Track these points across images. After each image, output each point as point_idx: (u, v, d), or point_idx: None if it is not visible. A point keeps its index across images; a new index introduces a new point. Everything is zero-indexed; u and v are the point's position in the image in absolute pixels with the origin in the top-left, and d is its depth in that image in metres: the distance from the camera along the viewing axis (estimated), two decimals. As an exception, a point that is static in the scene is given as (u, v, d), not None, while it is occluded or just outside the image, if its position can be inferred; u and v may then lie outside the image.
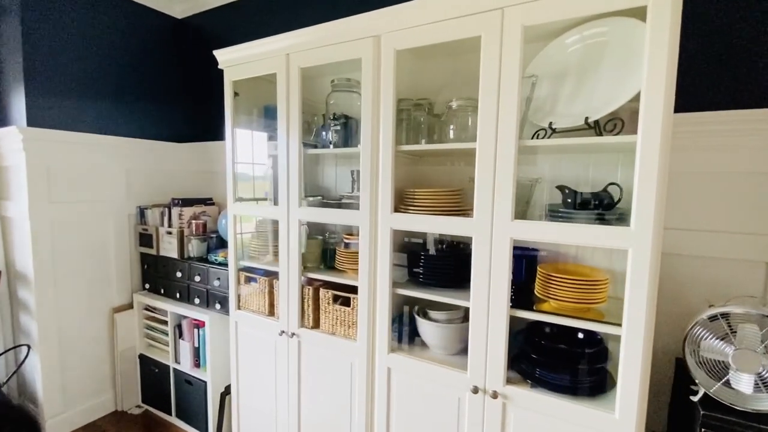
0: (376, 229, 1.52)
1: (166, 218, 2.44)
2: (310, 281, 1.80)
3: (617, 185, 1.25)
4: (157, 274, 2.48)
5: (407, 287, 1.52)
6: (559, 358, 1.28)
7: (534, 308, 1.30)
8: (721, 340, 1.05)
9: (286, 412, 1.85)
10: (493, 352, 1.29)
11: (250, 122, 2.02)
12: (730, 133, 1.30)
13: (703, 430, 1.01)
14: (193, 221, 2.37)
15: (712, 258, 1.35)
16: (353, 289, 1.61)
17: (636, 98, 1.14)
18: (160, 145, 2.68)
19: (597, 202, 1.24)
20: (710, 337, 1.06)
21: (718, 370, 1.06)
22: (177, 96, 2.79)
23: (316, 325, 1.75)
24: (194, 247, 2.35)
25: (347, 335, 1.65)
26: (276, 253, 1.85)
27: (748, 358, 0.98)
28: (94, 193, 2.37)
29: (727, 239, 1.33)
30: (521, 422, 1.27)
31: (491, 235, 1.27)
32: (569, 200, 1.29)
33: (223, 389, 2.19)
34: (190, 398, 2.31)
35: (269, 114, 2.05)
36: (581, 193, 1.28)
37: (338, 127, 1.63)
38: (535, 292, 1.35)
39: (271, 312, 1.91)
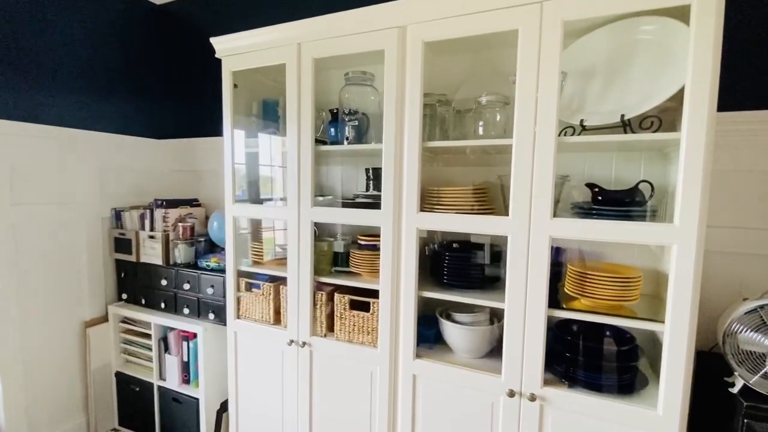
0: (399, 230, 1.45)
1: (147, 221, 2.23)
2: (320, 286, 1.69)
3: (648, 182, 1.26)
4: (137, 283, 2.26)
5: (431, 290, 1.46)
6: (593, 356, 1.27)
7: (565, 306, 1.28)
8: (757, 331, 1.08)
9: (295, 429, 1.72)
10: (530, 353, 1.26)
11: (245, 118, 1.88)
12: (749, 134, 1.36)
13: (746, 420, 1.03)
14: (180, 224, 2.18)
15: (737, 254, 1.40)
16: (371, 293, 1.53)
17: (671, 97, 1.15)
18: (138, 142, 2.45)
19: (629, 200, 1.25)
20: (748, 329, 1.09)
21: (755, 363, 1.09)
22: (158, 88, 2.58)
23: (330, 332, 1.65)
24: (181, 253, 2.16)
25: (366, 342, 1.56)
26: (281, 257, 1.73)
27: (790, 348, 1.01)
28: (64, 193, 2.12)
29: (751, 235, 1.38)
30: (559, 424, 1.24)
31: (529, 234, 1.24)
32: (600, 198, 1.29)
33: (218, 406, 2.02)
34: (178, 418, 2.11)
35: (268, 109, 1.93)
36: (612, 190, 1.29)
37: (355, 122, 1.55)
38: (565, 290, 1.34)
39: (278, 320, 1.78)
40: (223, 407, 2.00)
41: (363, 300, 1.57)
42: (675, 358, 1.09)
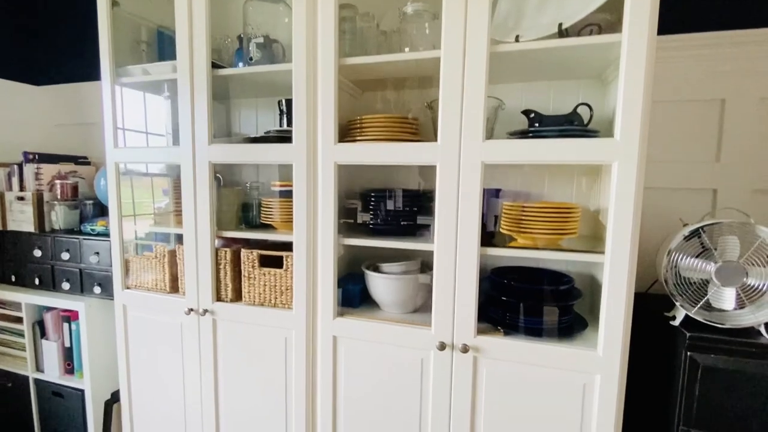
0: (315, 166, 1.22)
1: (15, 180, 1.80)
2: (227, 243, 1.43)
3: (587, 105, 1.14)
4: (4, 257, 1.83)
5: (356, 237, 1.25)
6: (530, 301, 1.14)
7: (500, 245, 1.14)
8: (697, 257, 1.00)
9: (199, 412, 1.45)
10: (462, 299, 1.10)
11: (133, 48, 1.54)
12: (676, 60, 1.28)
13: (689, 353, 0.94)
14: (58, 181, 1.78)
15: (676, 189, 1.33)
16: (286, 248, 1.29)
17: (612, 10, 1.03)
18: (9, 87, 1.98)
19: (567, 123, 1.12)
20: (688, 257, 1.00)
21: (696, 293, 1.01)
22: (34, 21, 2.10)
23: (237, 297, 1.39)
24: (60, 216, 1.77)
25: (280, 304, 1.32)
26: (179, 212, 1.43)
27: (731, 270, 0.93)
28: None
29: (691, 169, 1.31)
30: (495, 375, 1.10)
31: (459, 161, 1.06)
32: (536, 124, 1.15)
33: (109, 397, 1.68)
34: (61, 415, 1.74)
35: (164, 42, 1.60)
36: (549, 115, 1.15)
37: (260, 40, 1.28)
38: (501, 231, 1.19)
39: (175, 287, 1.48)
40: (114, 397, 1.67)
41: (275, 255, 1.33)
42: (615, 291, 0.98)
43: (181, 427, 1.50)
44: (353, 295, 1.35)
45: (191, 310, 1.39)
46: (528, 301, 1.13)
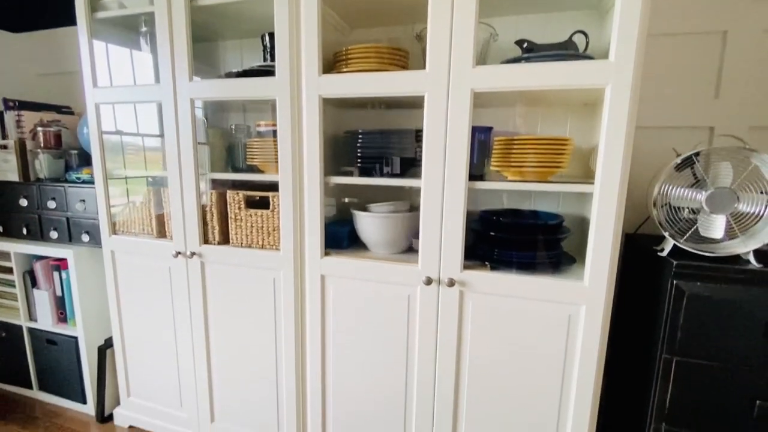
0: (299, 101, 1.18)
1: (-5, 128, 1.76)
2: (213, 185, 1.40)
3: (583, 33, 1.09)
4: (-10, 207, 1.81)
5: (342, 174, 1.22)
6: (517, 236, 1.13)
7: (488, 179, 1.11)
8: (690, 188, 0.97)
9: (190, 356, 1.47)
10: (449, 235, 1.08)
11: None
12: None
13: (675, 281, 0.94)
14: (40, 129, 1.74)
15: (658, 128, 1.30)
16: (273, 188, 1.27)
17: None
18: (-21, 30, 1.90)
19: (562, 51, 1.07)
20: (679, 187, 0.97)
21: (685, 225, 0.99)
22: (2, -36, 1.99)
23: (225, 239, 1.38)
24: (45, 165, 1.73)
25: (268, 245, 1.31)
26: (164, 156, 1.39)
27: (722, 197, 0.91)
28: None
29: (673, 106, 1.28)
30: (481, 309, 1.10)
31: (448, 89, 1.02)
32: (530, 51, 1.10)
33: (102, 342, 1.70)
34: (55, 363, 1.76)
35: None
36: (544, 44, 1.10)
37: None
38: (492, 169, 1.17)
39: (162, 232, 1.47)
40: (108, 343, 1.68)
41: (261, 195, 1.31)
42: (603, 221, 0.96)
43: (174, 369, 1.52)
44: (341, 237, 1.33)
45: (179, 253, 1.38)
46: (515, 237, 1.12)
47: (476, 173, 1.13)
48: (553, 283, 1.03)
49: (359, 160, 1.23)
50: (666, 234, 0.99)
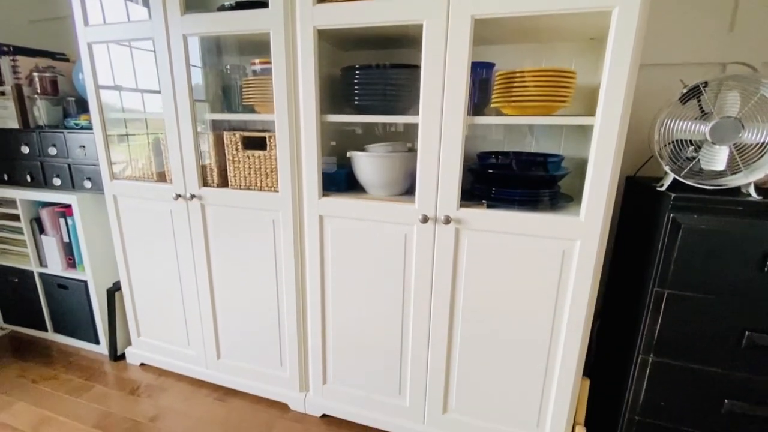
0: (293, 34, 1.14)
1: (-9, 74, 1.73)
2: (211, 127, 1.39)
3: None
4: (-7, 155, 1.82)
5: (340, 113, 1.20)
6: (515, 173, 1.12)
7: (487, 113, 1.09)
8: (694, 120, 0.94)
9: (195, 296, 1.52)
10: (446, 172, 1.07)
11: None
12: None
13: (671, 214, 0.93)
14: (36, 74, 1.71)
15: (667, 65, 1.24)
16: (269, 128, 1.25)
17: None
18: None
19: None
20: (683, 120, 0.95)
21: (688, 161, 0.97)
22: None
23: (224, 182, 1.38)
24: (44, 111, 1.72)
25: (266, 186, 1.31)
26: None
27: (726, 126, 0.89)
28: None
29: (684, 41, 1.22)
30: (476, 246, 1.11)
31: (448, 15, 0.98)
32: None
33: (110, 285, 1.75)
34: (67, 306, 1.84)
35: None
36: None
37: None
38: (492, 106, 1.14)
39: (162, 176, 1.48)
40: (116, 286, 1.74)
41: (257, 136, 1.30)
42: (603, 154, 0.94)
43: (180, 309, 1.58)
44: (339, 180, 1.33)
45: (179, 195, 1.40)
46: (512, 174, 1.10)
47: (477, 112, 1.10)
48: (549, 219, 1.03)
49: (356, 97, 1.20)
50: (666, 168, 0.98)
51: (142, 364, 1.76)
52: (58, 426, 1.40)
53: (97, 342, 1.82)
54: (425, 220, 1.11)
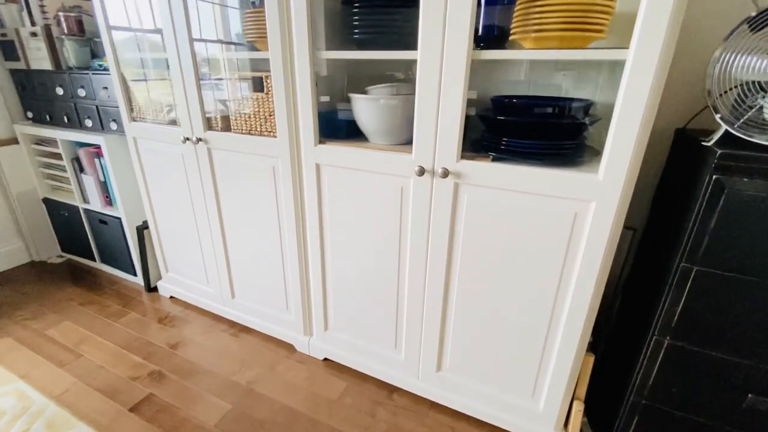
0: (284, -44, 1.02)
1: (25, 14, 1.79)
2: (214, 69, 1.34)
3: None
4: (36, 96, 1.94)
5: (337, 48, 1.09)
6: (531, 119, 0.96)
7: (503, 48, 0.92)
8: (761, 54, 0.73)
9: (209, 238, 1.57)
10: (447, 117, 0.95)
11: None
12: None
13: (714, 176, 0.75)
14: (62, 14, 1.74)
15: None
16: (269, 67, 1.18)
17: None
18: None
19: None
20: (748, 54, 0.73)
21: (747, 111, 0.76)
22: None
23: (227, 126, 1.36)
24: (72, 52, 1.77)
25: (265, 131, 1.27)
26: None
27: (810, 61, 0.67)
28: None
29: None
30: (476, 203, 1.00)
31: None
32: None
33: (140, 223, 1.88)
34: (108, 240, 2.01)
35: None
36: None
37: None
38: (511, 39, 0.96)
39: (172, 119, 1.48)
40: (144, 225, 1.86)
41: (255, 75, 1.23)
42: (632, 96, 0.77)
43: (197, 249, 1.65)
44: (339, 125, 1.24)
45: (186, 138, 1.40)
46: (527, 122, 0.95)
47: (495, 47, 0.94)
48: (559, 176, 0.88)
49: (356, 30, 1.08)
50: (717, 117, 0.78)
51: (171, 297, 1.91)
52: (95, 344, 1.58)
53: (135, 274, 2.00)
54: (422, 172, 1.01)
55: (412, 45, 1.06)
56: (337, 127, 1.25)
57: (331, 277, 1.34)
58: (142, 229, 1.84)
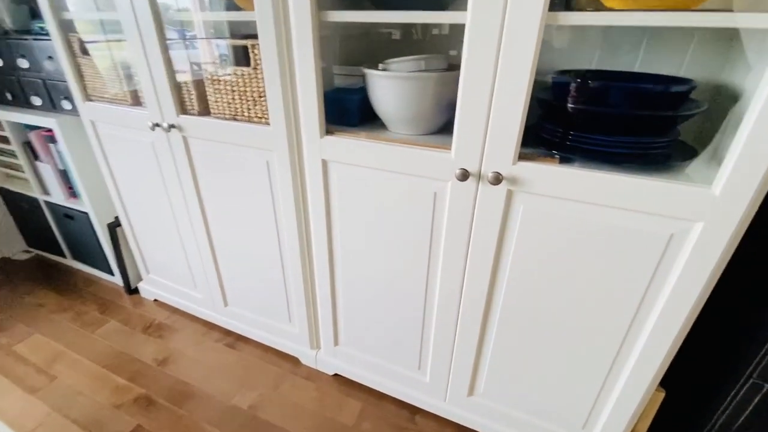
0: None
1: (-62, -39, 1.41)
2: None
3: None
4: (-31, 68, 1.59)
5: (348, 7, 0.81)
6: (610, 108, 0.72)
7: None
8: None
9: (192, 239, 1.34)
10: (504, 105, 0.70)
11: None
12: None
13: None
14: (-16, -40, 1.38)
15: None
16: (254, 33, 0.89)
17: None
18: None
19: None
20: None
21: None
22: None
23: (205, 109, 1.08)
24: (8, 12, 1.42)
25: (255, 117, 1.00)
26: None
27: None
28: None
29: None
30: (534, 216, 0.78)
31: None
32: None
33: (112, 219, 1.62)
34: (77, 236, 1.75)
35: None
36: None
37: None
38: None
39: (136, 98, 1.19)
40: (117, 221, 1.60)
41: (237, 44, 0.95)
42: (791, 83, 0.53)
43: (180, 250, 1.42)
44: (351, 109, 0.98)
45: (156, 125, 1.12)
46: (605, 111, 0.71)
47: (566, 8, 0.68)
48: (656, 187, 0.66)
49: (372, -15, 0.79)
50: None
51: (155, 300, 1.70)
52: (70, 363, 1.38)
53: (112, 273, 1.77)
54: (464, 176, 0.78)
55: (451, 3, 0.79)
56: (346, 110, 0.99)
57: (341, 291, 1.14)
58: (114, 226, 1.59)
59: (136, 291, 1.74)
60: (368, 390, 1.28)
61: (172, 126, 1.10)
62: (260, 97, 0.96)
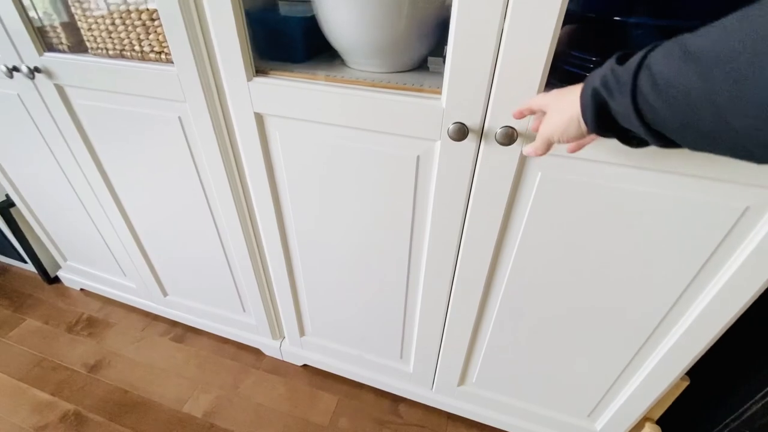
0: None
1: None
2: None
3: None
4: None
5: None
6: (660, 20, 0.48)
7: None
8: None
9: (105, 219, 1.05)
10: (522, 18, 0.45)
11: None
12: None
13: None
14: None
15: None
16: None
17: None
18: None
19: None
20: None
21: None
22: None
23: (79, 44, 0.75)
24: None
25: (152, 53, 0.69)
26: None
27: None
28: None
29: None
30: (555, 185, 0.56)
31: None
32: None
33: (4, 199, 1.27)
34: (-32, 218, 1.40)
35: None
36: None
37: None
38: None
39: (-22, 28, 0.82)
40: (10, 200, 1.26)
41: (102, -69, 0.61)
42: None
43: (95, 234, 1.13)
44: (294, 34, 0.68)
45: (13, 69, 0.78)
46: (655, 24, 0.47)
47: None
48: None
49: None
50: None
51: (82, 290, 1.42)
52: (-26, 380, 1.13)
53: (24, 261, 1.45)
54: (461, 134, 0.54)
55: None
56: (287, 38, 0.69)
57: (301, 274, 0.91)
58: (7, 206, 1.25)
59: (57, 280, 1.45)
60: (343, 380, 1.12)
61: (36, 69, 0.76)
62: (152, 19, 0.64)
